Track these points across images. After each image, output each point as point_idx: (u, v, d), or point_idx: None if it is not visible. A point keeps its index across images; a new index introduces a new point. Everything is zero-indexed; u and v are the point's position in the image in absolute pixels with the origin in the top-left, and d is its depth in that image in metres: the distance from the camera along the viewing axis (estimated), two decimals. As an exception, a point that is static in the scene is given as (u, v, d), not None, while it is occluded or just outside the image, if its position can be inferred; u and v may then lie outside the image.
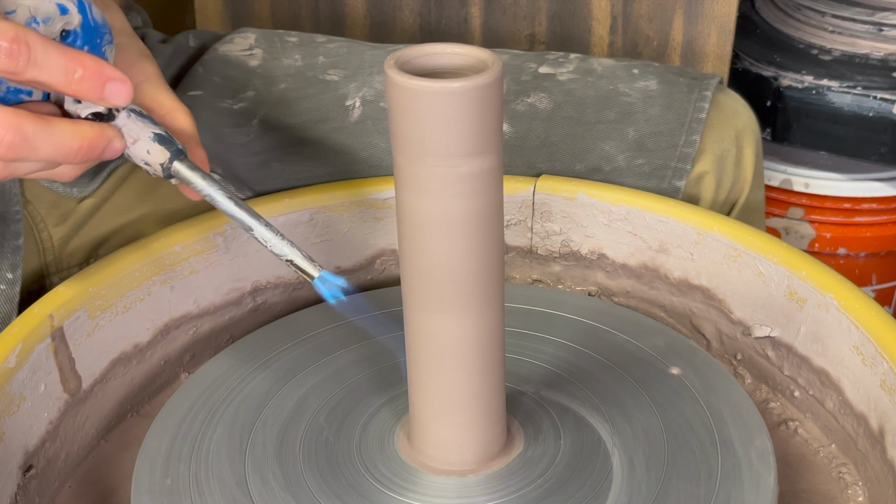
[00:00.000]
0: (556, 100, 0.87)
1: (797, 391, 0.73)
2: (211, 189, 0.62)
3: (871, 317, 0.67)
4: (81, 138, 0.57)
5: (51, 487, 0.67)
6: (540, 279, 0.84)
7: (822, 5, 1.46)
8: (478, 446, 0.61)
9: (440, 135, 0.52)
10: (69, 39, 0.59)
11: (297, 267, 0.61)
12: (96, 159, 0.59)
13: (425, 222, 0.55)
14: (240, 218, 0.62)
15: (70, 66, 0.55)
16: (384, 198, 0.82)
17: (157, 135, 0.61)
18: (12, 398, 0.63)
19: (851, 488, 0.67)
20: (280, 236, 0.61)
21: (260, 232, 0.61)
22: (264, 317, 0.81)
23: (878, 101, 1.33)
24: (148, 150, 0.61)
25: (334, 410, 0.67)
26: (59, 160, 0.58)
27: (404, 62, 0.53)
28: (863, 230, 1.43)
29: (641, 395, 0.67)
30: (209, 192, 0.62)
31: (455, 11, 1.21)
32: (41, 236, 0.81)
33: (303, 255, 0.61)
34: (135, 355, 0.73)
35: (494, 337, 0.59)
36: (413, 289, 0.57)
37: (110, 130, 0.59)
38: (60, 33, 0.59)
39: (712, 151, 0.85)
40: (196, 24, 1.31)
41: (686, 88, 0.87)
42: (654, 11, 1.16)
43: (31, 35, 0.54)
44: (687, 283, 0.78)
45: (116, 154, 0.60)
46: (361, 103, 0.87)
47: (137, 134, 0.61)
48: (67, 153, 0.57)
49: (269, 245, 0.61)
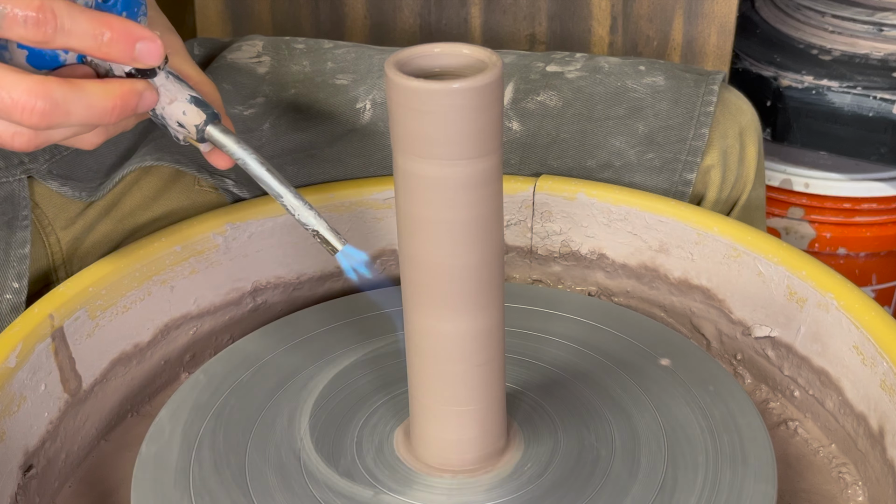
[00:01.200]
0: (565, 97, 0.88)
1: (797, 391, 0.73)
2: (244, 153, 0.62)
3: (871, 317, 0.67)
4: (113, 96, 0.57)
5: (51, 487, 0.67)
6: (540, 279, 0.84)
7: (822, 5, 1.46)
8: (478, 446, 0.61)
9: (440, 135, 0.52)
10: (109, 3, 0.60)
11: (322, 238, 0.61)
12: (132, 114, 0.59)
13: (425, 223, 0.55)
14: (270, 184, 0.62)
15: (98, 30, 0.55)
16: (384, 198, 0.82)
17: (194, 97, 0.62)
18: (12, 398, 0.63)
19: (851, 488, 0.67)
20: (308, 206, 0.62)
21: (289, 200, 0.62)
22: (264, 317, 0.81)
23: (878, 101, 1.33)
24: (184, 111, 0.62)
25: (334, 410, 0.67)
26: (94, 122, 0.58)
27: (404, 63, 0.53)
28: (863, 230, 1.43)
29: (641, 395, 0.67)
30: (241, 155, 0.62)
31: (455, 12, 1.21)
32: (49, 240, 0.81)
33: (328, 226, 0.61)
34: (135, 355, 0.73)
35: (494, 337, 0.59)
36: (413, 289, 0.57)
37: (140, 84, 0.59)
38: None
39: (718, 147, 0.86)
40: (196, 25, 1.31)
41: (693, 83, 0.88)
42: (654, 11, 1.16)
43: (57, 2, 0.54)
44: (687, 283, 0.78)
45: (150, 105, 0.60)
46: (372, 106, 0.88)
47: (175, 94, 0.62)
48: (102, 113, 0.57)
49: (297, 214, 0.62)
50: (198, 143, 0.63)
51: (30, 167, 0.79)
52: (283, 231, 0.79)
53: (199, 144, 0.63)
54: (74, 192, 0.80)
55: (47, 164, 0.80)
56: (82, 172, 0.82)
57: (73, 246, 0.82)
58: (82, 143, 0.62)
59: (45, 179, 0.80)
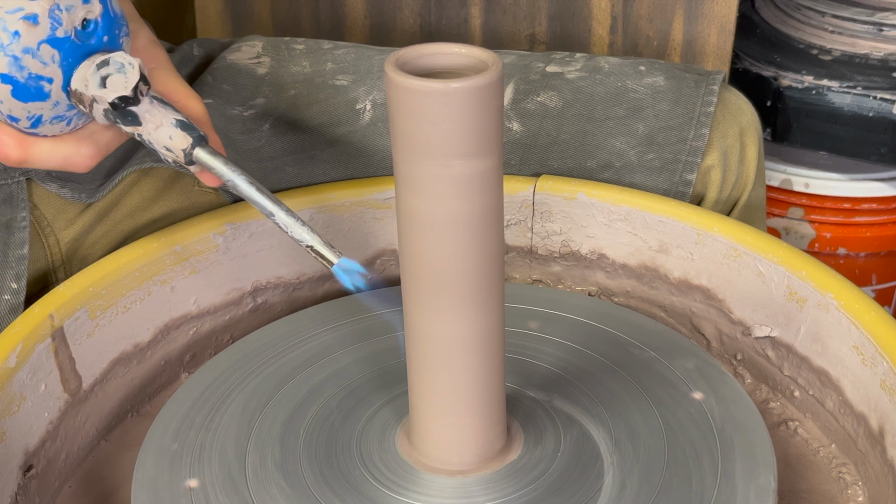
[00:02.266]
0: (565, 98, 0.88)
1: (797, 391, 0.73)
2: (233, 174, 0.62)
3: (871, 317, 0.67)
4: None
5: (51, 487, 0.67)
6: (540, 279, 0.84)
7: (822, 5, 1.46)
8: (478, 446, 0.61)
9: (440, 135, 0.52)
10: (89, 29, 0.60)
11: (317, 253, 0.61)
12: None
13: (425, 222, 0.55)
14: (261, 203, 0.62)
15: None
16: (384, 198, 0.82)
17: (179, 121, 0.62)
18: (12, 398, 0.63)
19: (851, 488, 0.67)
20: (300, 222, 0.61)
21: (281, 217, 0.62)
22: (264, 317, 0.81)
23: (878, 101, 1.33)
24: (171, 135, 0.62)
25: (334, 410, 0.67)
26: None
27: (404, 62, 0.53)
28: (863, 230, 1.43)
29: (641, 394, 0.67)
30: (231, 177, 0.62)
31: (455, 12, 1.21)
32: (48, 241, 0.81)
33: (323, 241, 0.61)
34: (135, 355, 0.73)
35: (494, 337, 0.59)
36: (413, 289, 0.57)
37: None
38: (82, 22, 0.59)
39: (718, 147, 0.86)
40: (196, 24, 1.31)
41: (693, 83, 0.88)
42: (654, 11, 1.16)
43: None
44: (687, 283, 0.78)
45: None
46: (372, 106, 0.88)
47: (160, 120, 0.61)
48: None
49: (290, 231, 0.61)
50: (187, 166, 0.63)
51: (29, 169, 0.79)
52: (282, 231, 0.79)
53: (188, 167, 0.63)
54: (74, 194, 0.80)
55: None
56: (81, 175, 0.82)
57: (72, 247, 0.82)
58: (76, 167, 0.63)
59: (44, 182, 0.80)
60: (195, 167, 0.63)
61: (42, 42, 0.58)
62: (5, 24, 0.57)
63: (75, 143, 0.63)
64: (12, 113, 0.59)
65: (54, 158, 0.63)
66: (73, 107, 0.61)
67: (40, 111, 0.60)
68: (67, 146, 0.63)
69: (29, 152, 0.62)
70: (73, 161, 0.63)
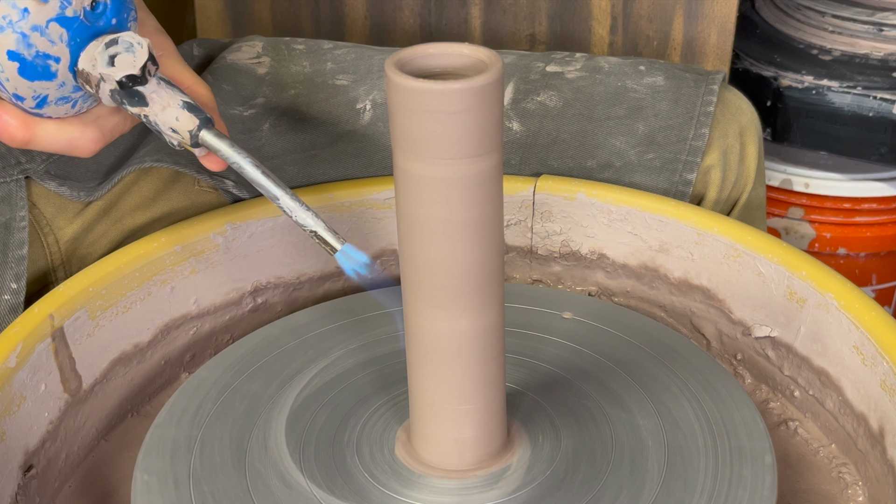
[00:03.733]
0: (565, 97, 0.88)
1: (797, 391, 0.73)
2: (238, 157, 0.62)
3: (871, 317, 0.67)
4: None
5: (51, 487, 0.67)
6: (540, 279, 0.84)
7: (822, 5, 1.46)
8: (478, 446, 0.61)
9: (440, 135, 0.52)
10: (98, 10, 0.60)
11: (321, 238, 0.61)
12: None
13: (425, 223, 0.55)
14: (266, 187, 0.62)
15: None
16: (384, 198, 0.82)
17: (186, 103, 0.62)
18: (12, 398, 0.63)
19: (851, 488, 0.67)
20: (305, 207, 0.61)
21: (285, 201, 0.61)
22: (264, 317, 0.81)
23: (878, 101, 1.33)
24: (177, 117, 0.62)
25: (335, 410, 0.67)
26: None
27: (404, 63, 0.53)
28: (863, 230, 1.43)
29: (641, 395, 0.67)
30: (236, 159, 0.62)
31: (455, 12, 1.21)
32: (47, 240, 0.81)
33: (326, 227, 0.61)
34: (135, 355, 0.73)
35: (494, 337, 0.59)
36: (413, 289, 0.57)
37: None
38: (91, 3, 0.59)
39: (718, 146, 0.86)
40: (196, 24, 1.31)
41: (693, 83, 0.88)
42: (654, 11, 1.16)
43: None
44: (687, 283, 0.78)
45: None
46: (372, 106, 0.88)
47: (167, 101, 0.61)
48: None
49: (294, 215, 0.61)
50: (192, 148, 0.63)
51: (27, 167, 0.79)
52: (283, 231, 0.79)
53: (193, 149, 0.63)
54: (73, 192, 0.80)
55: (45, 164, 0.80)
56: (80, 173, 0.82)
57: (71, 246, 0.82)
58: (79, 151, 0.63)
59: (42, 180, 0.80)
60: (200, 150, 0.63)
61: (51, 20, 0.58)
62: (15, 1, 0.57)
63: (80, 126, 0.63)
64: (18, 92, 0.59)
65: (59, 141, 0.62)
66: (79, 88, 0.61)
67: (46, 91, 0.60)
68: (72, 129, 0.63)
69: (33, 133, 0.61)
70: (77, 144, 0.63)
